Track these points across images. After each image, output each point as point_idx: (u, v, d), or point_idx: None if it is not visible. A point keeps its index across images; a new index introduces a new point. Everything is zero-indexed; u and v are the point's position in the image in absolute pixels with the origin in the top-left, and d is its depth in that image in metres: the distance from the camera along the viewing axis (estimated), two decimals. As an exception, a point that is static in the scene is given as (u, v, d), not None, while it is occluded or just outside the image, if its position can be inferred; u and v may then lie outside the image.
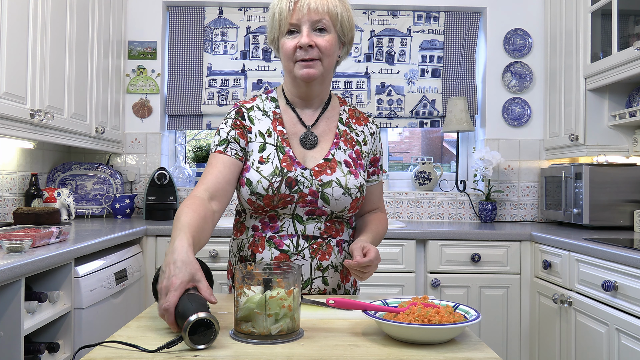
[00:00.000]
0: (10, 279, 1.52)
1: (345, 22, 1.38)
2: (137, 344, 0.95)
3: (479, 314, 1.04)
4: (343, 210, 1.39)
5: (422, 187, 3.42)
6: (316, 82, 1.39)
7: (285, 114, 1.45)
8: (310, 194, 1.36)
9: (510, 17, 3.42)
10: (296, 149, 1.41)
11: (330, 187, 1.37)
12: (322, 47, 1.34)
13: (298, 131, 1.43)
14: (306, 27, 1.33)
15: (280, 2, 1.34)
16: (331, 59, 1.38)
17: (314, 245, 1.38)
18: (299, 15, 1.32)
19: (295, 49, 1.34)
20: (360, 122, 1.51)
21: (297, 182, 1.35)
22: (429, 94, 3.46)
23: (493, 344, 2.70)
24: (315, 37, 1.33)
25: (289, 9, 1.33)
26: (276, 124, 1.42)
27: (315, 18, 1.33)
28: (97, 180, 3.21)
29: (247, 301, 0.99)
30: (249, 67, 3.44)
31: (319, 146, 1.42)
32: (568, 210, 2.91)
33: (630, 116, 2.65)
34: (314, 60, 1.34)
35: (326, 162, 1.40)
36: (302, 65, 1.34)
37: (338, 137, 1.45)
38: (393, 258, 2.70)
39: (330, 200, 1.37)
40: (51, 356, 1.82)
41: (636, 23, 2.75)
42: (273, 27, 1.38)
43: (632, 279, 1.90)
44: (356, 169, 1.42)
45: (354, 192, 1.39)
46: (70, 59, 2.56)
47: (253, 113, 1.44)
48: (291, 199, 1.35)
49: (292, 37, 1.34)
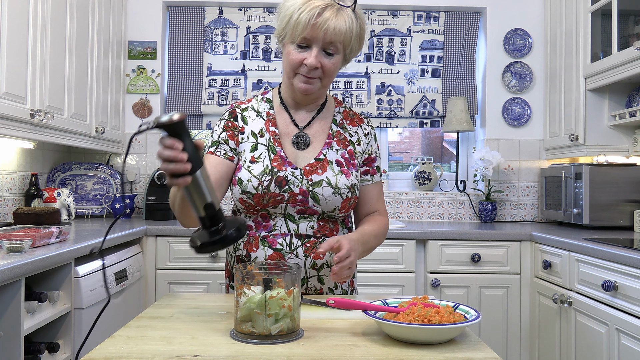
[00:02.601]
0: (10, 279, 1.52)
1: (355, 46, 1.37)
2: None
3: (479, 314, 1.04)
4: (334, 210, 1.39)
5: (422, 187, 3.42)
6: (313, 95, 1.40)
7: (278, 115, 1.46)
8: (300, 194, 1.36)
9: (510, 17, 3.42)
10: (288, 149, 1.41)
11: (320, 186, 1.37)
12: (326, 70, 1.34)
13: (291, 132, 1.44)
14: (317, 47, 1.31)
15: (301, 11, 1.29)
16: (332, 78, 1.39)
17: (308, 244, 1.38)
18: (315, 33, 1.29)
19: (300, 64, 1.33)
20: (354, 123, 1.50)
21: (287, 181, 1.36)
22: (429, 94, 3.46)
23: (493, 344, 2.70)
24: (322, 58, 1.32)
25: (307, 22, 1.28)
26: (269, 124, 1.43)
27: (328, 40, 1.31)
28: (97, 180, 3.21)
29: (247, 301, 0.99)
30: (249, 67, 3.44)
31: (311, 146, 1.43)
32: (568, 210, 2.91)
33: (630, 116, 2.65)
34: (315, 79, 1.35)
35: (317, 162, 1.40)
36: (303, 79, 1.35)
37: (331, 137, 1.45)
38: (393, 258, 2.70)
39: (321, 199, 1.37)
40: (51, 356, 1.82)
41: (636, 23, 2.75)
42: (285, 28, 1.34)
43: (632, 279, 1.90)
44: (348, 168, 1.42)
45: (345, 191, 1.38)
46: (70, 59, 2.55)
47: (247, 113, 1.45)
48: (281, 198, 1.36)
49: (300, 50, 1.32)
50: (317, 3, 1.28)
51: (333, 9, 1.29)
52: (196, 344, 0.98)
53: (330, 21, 1.28)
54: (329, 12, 1.28)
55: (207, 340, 1.00)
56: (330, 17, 1.28)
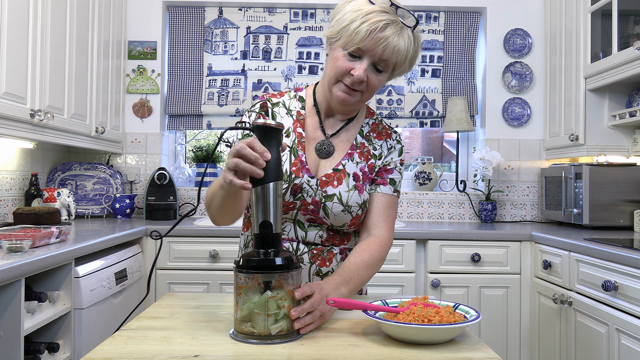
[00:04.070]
0: (10, 279, 1.52)
1: (405, 67, 1.32)
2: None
3: (479, 314, 1.04)
4: (343, 226, 1.36)
5: (422, 187, 3.42)
6: (350, 107, 1.35)
7: (308, 117, 1.41)
8: (312, 204, 1.33)
9: (510, 17, 3.42)
10: (310, 155, 1.38)
11: (331, 201, 1.33)
12: (371, 85, 1.29)
13: (317, 137, 1.39)
14: (369, 60, 1.25)
15: (363, 21, 1.22)
16: (373, 94, 1.33)
17: (314, 251, 1.35)
18: (372, 46, 1.23)
19: (346, 73, 1.27)
20: (381, 136, 1.44)
21: (301, 189, 1.33)
22: (429, 94, 3.46)
23: (493, 344, 2.70)
24: (370, 73, 1.27)
25: (367, 34, 1.22)
26: (297, 124, 1.39)
27: (384, 57, 1.25)
28: (97, 180, 3.21)
29: (247, 301, 0.99)
30: (249, 67, 3.44)
31: (333, 156, 1.39)
32: (568, 210, 2.91)
33: (630, 116, 2.65)
34: (357, 91, 1.29)
35: (335, 173, 1.36)
36: (344, 89, 1.29)
37: (354, 148, 1.40)
38: (393, 258, 2.70)
39: (330, 215, 1.34)
40: (51, 356, 1.82)
41: (636, 23, 2.75)
42: (340, 32, 1.26)
43: (632, 279, 1.90)
44: (364, 183, 1.37)
45: (355, 209, 1.35)
46: (70, 59, 2.55)
47: (277, 109, 1.41)
48: (293, 206, 1.33)
49: (350, 59, 1.26)
50: (381, 17, 1.22)
51: (396, 27, 1.23)
52: (196, 344, 0.98)
53: (391, 38, 1.22)
54: (391, 30, 1.23)
55: (207, 340, 1.00)
56: (392, 35, 1.22)
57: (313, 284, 1.10)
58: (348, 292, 1.23)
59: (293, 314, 1.01)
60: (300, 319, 1.03)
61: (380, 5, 1.24)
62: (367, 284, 1.41)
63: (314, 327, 1.06)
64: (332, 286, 1.18)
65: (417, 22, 1.28)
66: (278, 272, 1.00)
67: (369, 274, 1.31)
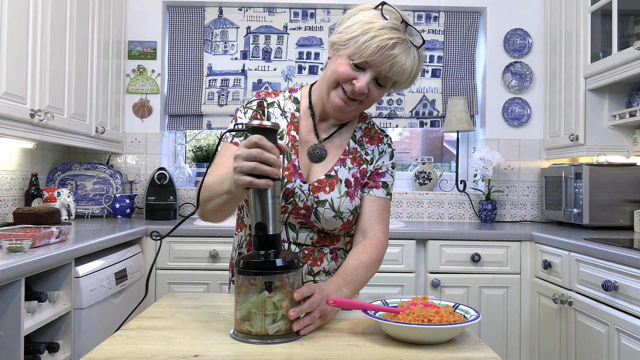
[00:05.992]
0: (10, 279, 1.52)
1: (406, 84, 1.31)
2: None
3: (479, 314, 1.04)
4: (334, 230, 1.36)
5: (422, 187, 3.42)
6: (345, 115, 1.35)
7: (302, 120, 1.40)
8: (304, 208, 1.33)
9: (510, 17, 3.42)
10: (302, 159, 1.37)
11: (323, 206, 1.33)
12: (370, 97, 1.28)
13: (310, 140, 1.39)
14: (372, 74, 1.24)
15: (374, 36, 1.20)
16: (369, 106, 1.33)
17: (306, 251, 1.36)
18: (380, 62, 1.22)
19: (348, 80, 1.26)
20: (373, 141, 1.44)
21: (293, 194, 1.32)
22: (429, 94, 3.46)
23: (493, 344, 2.70)
24: (371, 86, 1.26)
25: (376, 50, 1.20)
26: (291, 127, 1.38)
27: (386, 75, 1.24)
28: (97, 180, 3.21)
29: (246, 301, 0.99)
30: (249, 67, 3.44)
31: (325, 161, 1.38)
32: (568, 210, 2.91)
33: (630, 116, 2.65)
34: (355, 101, 1.29)
35: (327, 178, 1.36)
36: (342, 96, 1.28)
37: (346, 154, 1.40)
38: (393, 258, 2.70)
39: (321, 219, 1.33)
40: (51, 356, 1.82)
41: (636, 23, 2.75)
42: (348, 42, 1.24)
43: (632, 279, 1.90)
44: (355, 189, 1.37)
45: (346, 215, 1.35)
46: (70, 59, 2.55)
47: (272, 110, 1.40)
48: (285, 209, 1.33)
49: (353, 69, 1.24)
50: (392, 35, 1.21)
51: (405, 46, 1.23)
52: (196, 344, 0.98)
53: (399, 57, 1.22)
54: (400, 48, 1.22)
55: (207, 340, 1.00)
56: (400, 54, 1.22)
57: (313, 285, 1.10)
58: (350, 293, 1.23)
59: (292, 315, 1.01)
60: (298, 320, 1.03)
61: (392, 21, 1.22)
62: (367, 283, 1.40)
63: (314, 328, 1.06)
64: (334, 287, 1.18)
65: (424, 42, 1.27)
66: (278, 273, 1.00)
67: (368, 275, 1.31)
